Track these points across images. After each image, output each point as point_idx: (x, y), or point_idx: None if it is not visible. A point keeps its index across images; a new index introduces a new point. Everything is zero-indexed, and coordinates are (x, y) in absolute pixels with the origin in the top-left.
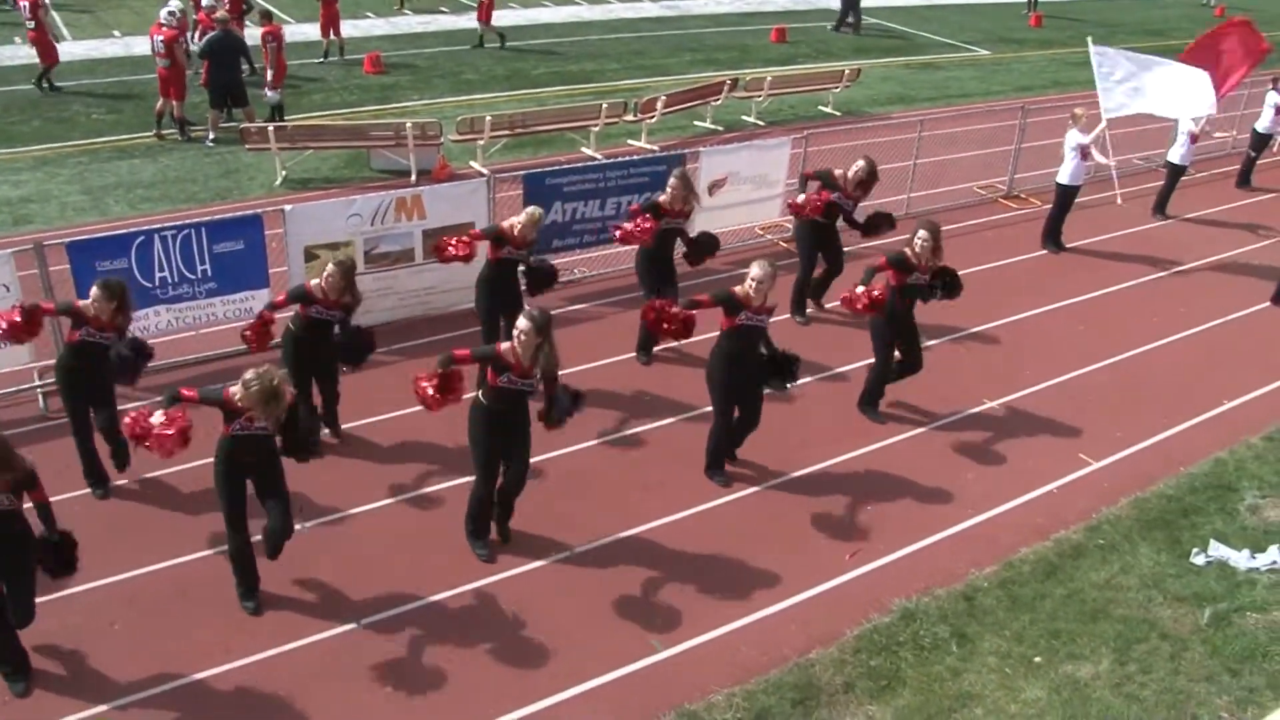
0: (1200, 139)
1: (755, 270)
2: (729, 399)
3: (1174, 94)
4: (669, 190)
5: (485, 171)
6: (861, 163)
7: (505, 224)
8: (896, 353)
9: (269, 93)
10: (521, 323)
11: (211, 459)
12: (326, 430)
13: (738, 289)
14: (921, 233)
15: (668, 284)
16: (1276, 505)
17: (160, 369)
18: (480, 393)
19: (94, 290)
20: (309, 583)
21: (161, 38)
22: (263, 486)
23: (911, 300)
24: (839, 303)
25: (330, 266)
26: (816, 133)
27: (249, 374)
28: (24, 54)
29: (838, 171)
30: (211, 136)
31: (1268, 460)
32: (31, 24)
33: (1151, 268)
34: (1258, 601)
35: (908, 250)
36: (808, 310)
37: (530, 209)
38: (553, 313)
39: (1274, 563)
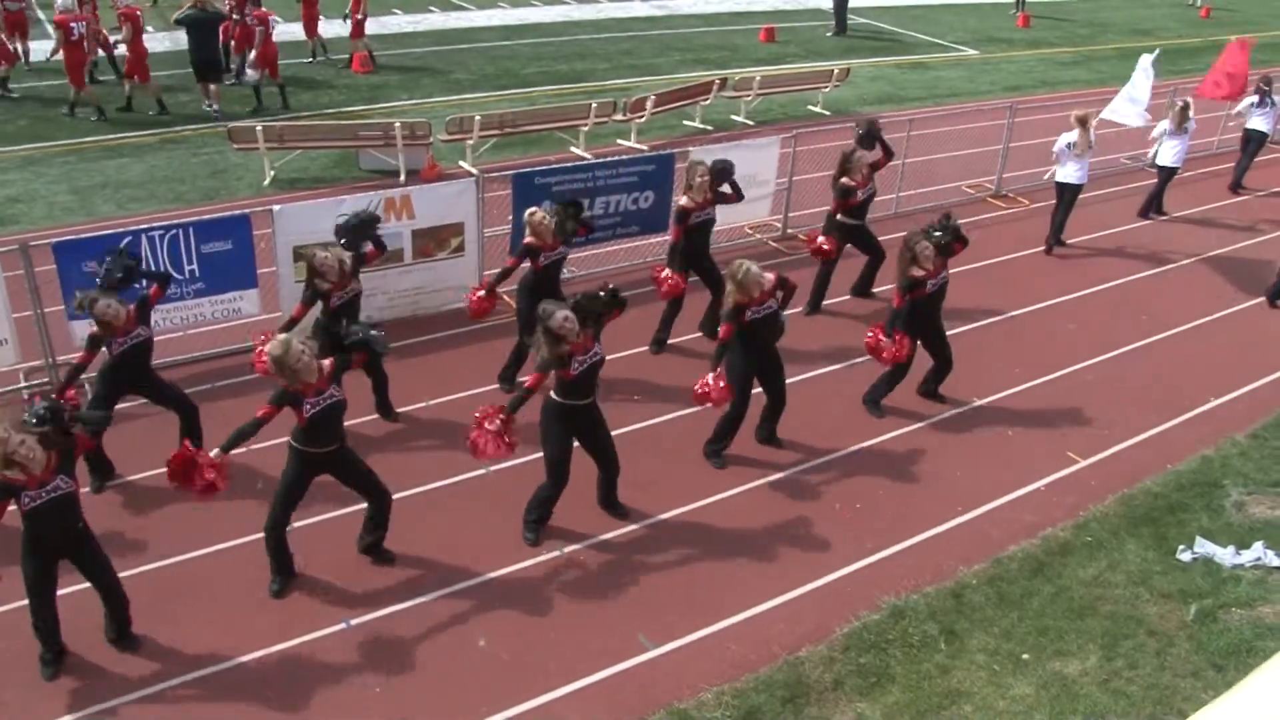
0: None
1: (752, 269)
2: (748, 387)
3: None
4: (695, 185)
5: (474, 171)
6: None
7: (529, 239)
8: (925, 352)
9: (249, 71)
10: (560, 314)
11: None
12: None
13: (732, 299)
14: (922, 243)
15: (707, 276)
16: (1261, 502)
17: None
18: (553, 392)
19: (99, 305)
20: (302, 581)
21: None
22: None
23: (934, 300)
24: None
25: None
26: (805, 132)
27: (277, 350)
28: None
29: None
30: (215, 107)
31: (1253, 457)
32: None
33: (1140, 266)
34: (1243, 597)
35: (915, 270)
36: (819, 305)
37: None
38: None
39: (1259, 559)
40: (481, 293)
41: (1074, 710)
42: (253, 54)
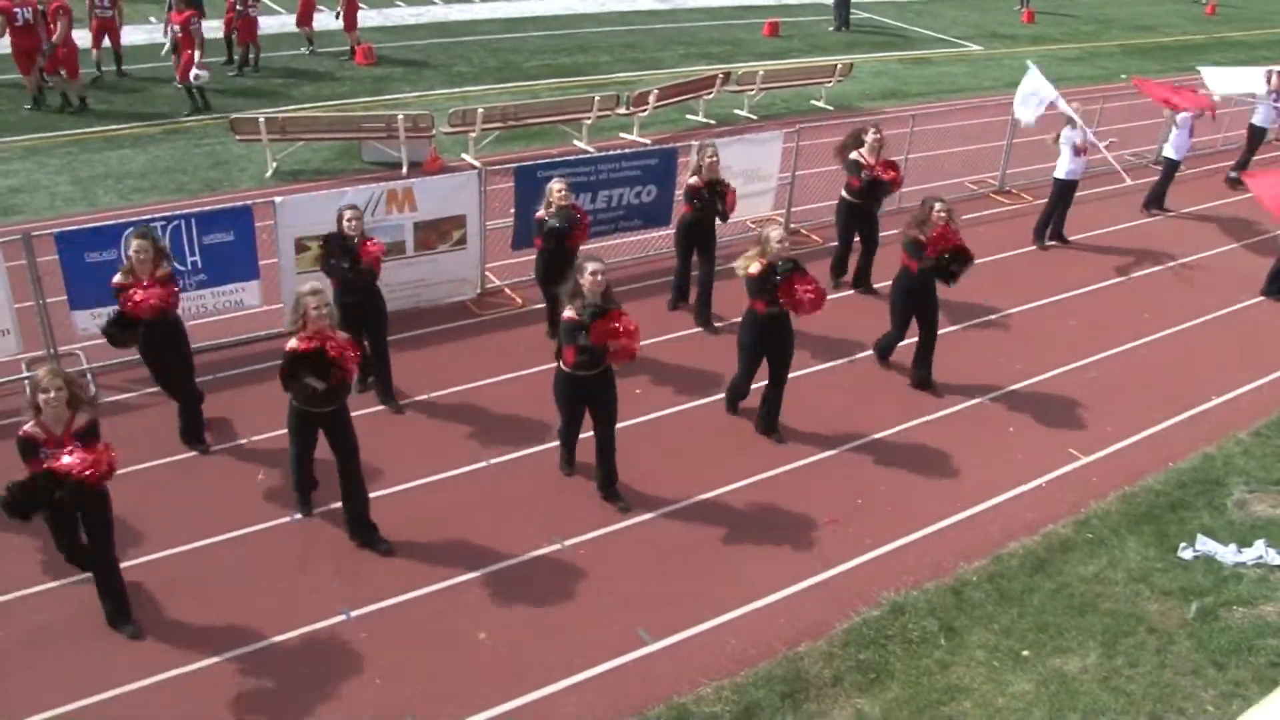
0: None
1: (774, 233)
2: (756, 360)
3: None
4: (705, 165)
5: (477, 164)
6: (871, 132)
7: (541, 212)
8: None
9: (198, 72)
10: (591, 265)
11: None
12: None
13: (754, 267)
14: (937, 205)
15: (706, 255)
16: (1263, 500)
17: None
18: (560, 363)
19: (133, 244)
20: (302, 572)
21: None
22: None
23: (929, 278)
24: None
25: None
26: (808, 127)
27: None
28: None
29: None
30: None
31: (1255, 456)
32: (110, 12)
33: (1143, 263)
34: (1244, 596)
35: (918, 233)
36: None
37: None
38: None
39: (1260, 557)
40: None
41: (1073, 707)
42: (198, 54)
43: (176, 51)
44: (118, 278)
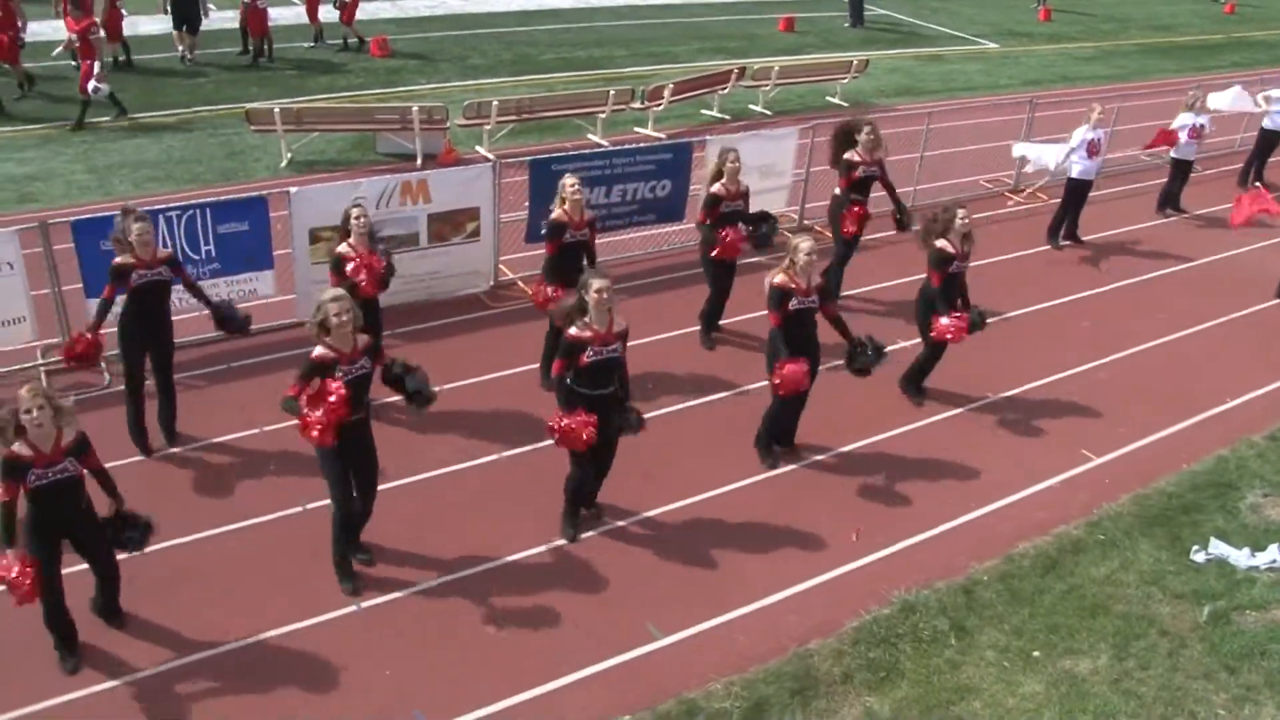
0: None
1: (803, 245)
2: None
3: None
4: (726, 172)
5: (491, 156)
6: (866, 129)
7: (556, 213)
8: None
9: (99, 85)
10: (597, 282)
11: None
12: None
13: (779, 278)
14: (960, 212)
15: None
16: (1277, 504)
17: None
18: (568, 379)
19: (134, 227)
20: (311, 564)
21: None
22: (357, 457)
23: (960, 280)
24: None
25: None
26: (823, 123)
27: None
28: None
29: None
30: (182, 53)
31: (1269, 459)
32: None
33: (1157, 264)
34: (1257, 600)
35: (946, 244)
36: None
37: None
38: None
39: (1274, 561)
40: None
41: (1084, 709)
42: (97, 66)
43: (75, 60)
44: (119, 260)
